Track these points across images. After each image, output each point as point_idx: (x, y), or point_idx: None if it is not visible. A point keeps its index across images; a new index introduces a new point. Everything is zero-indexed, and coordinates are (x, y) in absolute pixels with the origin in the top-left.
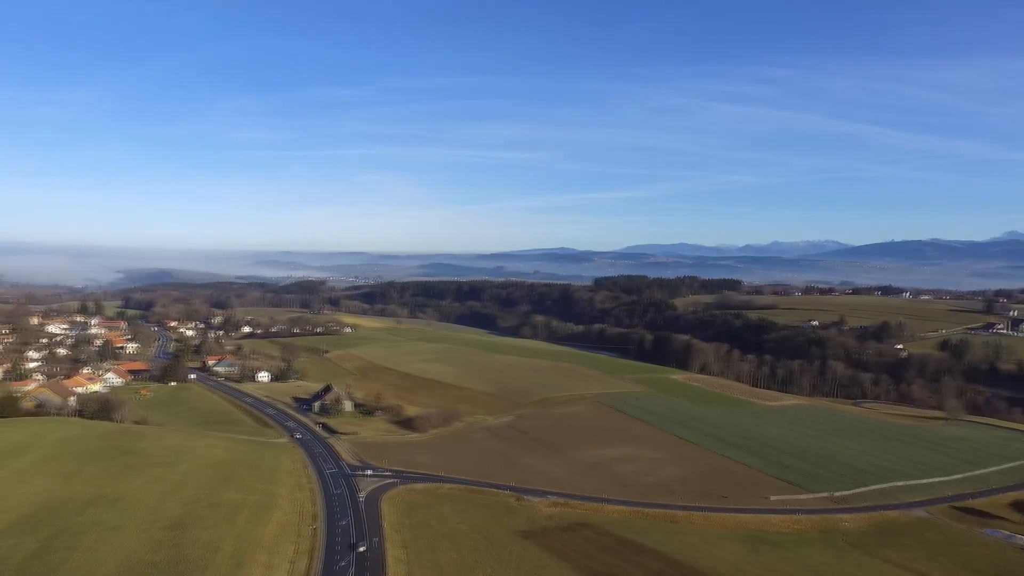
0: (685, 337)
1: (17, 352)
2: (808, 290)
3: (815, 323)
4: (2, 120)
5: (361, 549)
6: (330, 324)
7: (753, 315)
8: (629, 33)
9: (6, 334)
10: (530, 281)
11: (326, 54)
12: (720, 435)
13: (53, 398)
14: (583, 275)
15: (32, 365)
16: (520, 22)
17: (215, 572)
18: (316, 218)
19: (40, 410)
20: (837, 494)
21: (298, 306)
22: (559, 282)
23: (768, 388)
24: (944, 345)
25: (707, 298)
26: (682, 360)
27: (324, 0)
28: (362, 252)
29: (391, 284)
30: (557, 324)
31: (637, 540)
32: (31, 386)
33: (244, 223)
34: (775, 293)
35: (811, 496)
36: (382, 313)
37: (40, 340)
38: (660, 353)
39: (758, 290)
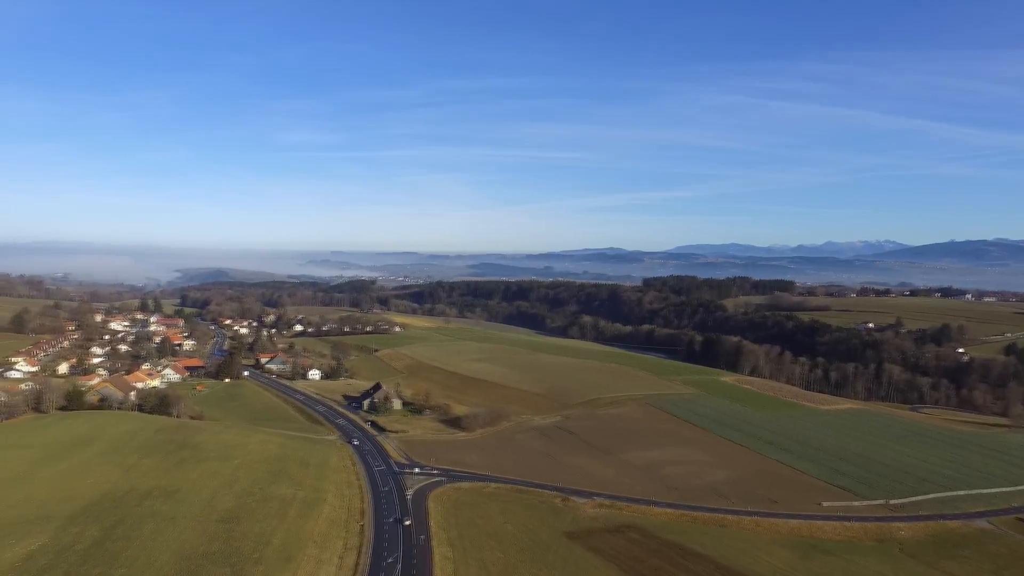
0: (735, 339)
1: (82, 348)
2: (863, 291)
3: (870, 325)
4: (73, 126)
5: (407, 523)
6: (380, 323)
7: (805, 317)
8: (679, 31)
9: (72, 331)
10: (578, 281)
11: (377, 56)
12: (770, 438)
13: (115, 393)
14: (632, 275)
15: (96, 361)
16: (570, 22)
17: (266, 565)
18: (367, 218)
19: (103, 404)
20: (893, 502)
21: (348, 305)
22: (608, 282)
23: (820, 391)
24: (1009, 349)
25: (758, 299)
26: (732, 362)
27: (375, 3)
28: (412, 252)
29: (440, 284)
30: (605, 324)
31: (685, 544)
32: (95, 381)
33: (296, 223)
34: (829, 294)
35: (865, 503)
36: (431, 313)
37: (103, 337)
38: (709, 355)
39: (811, 291)
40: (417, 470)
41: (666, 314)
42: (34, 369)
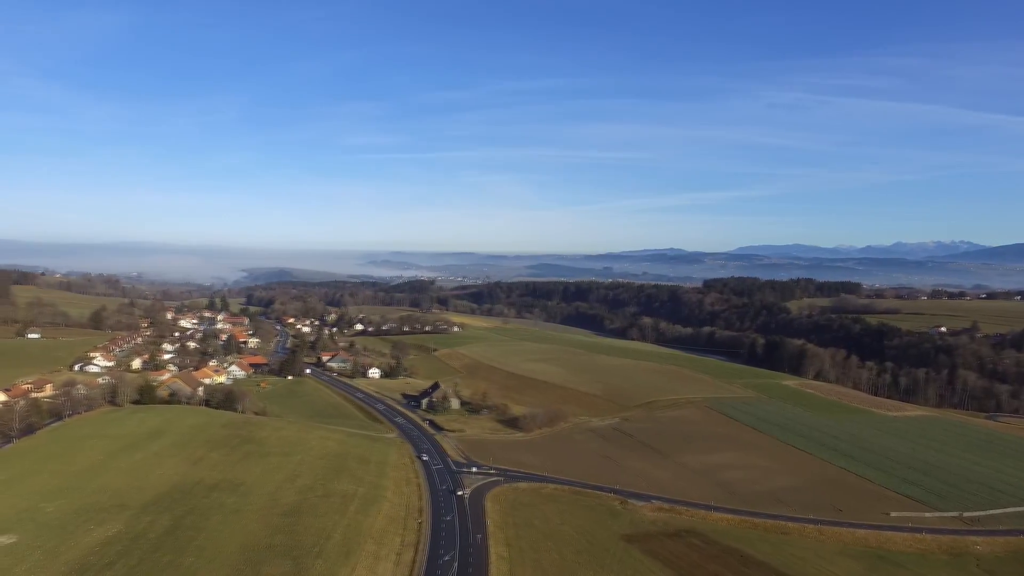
0: (799, 342)
1: (154, 344)
2: (935, 294)
3: (943, 329)
4: (147, 132)
5: (459, 493)
6: (439, 323)
7: (873, 320)
8: (740, 27)
9: (145, 328)
10: (638, 282)
11: (440, 58)
12: (835, 445)
13: (184, 388)
14: (693, 276)
15: (166, 357)
16: (630, 21)
17: (326, 559)
18: (427, 219)
19: (173, 398)
20: (968, 514)
21: (408, 305)
22: (668, 283)
23: (889, 397)
24: None
25: (823, 301)
26: (795, 366)
27: (438, 5)
28: (471, 252)
29: (498, 284)
30: (665, 326)
31: (745, 551)
32: (165, 376)
33: (358, 224)
34: (898, 297)
35: (937, 515)
36: (489, 313)
37: (174, 334)
38: (772, 358)
39: (879, 293)
40: (475, 469)
41: (727, 316)
42: (110, 364)
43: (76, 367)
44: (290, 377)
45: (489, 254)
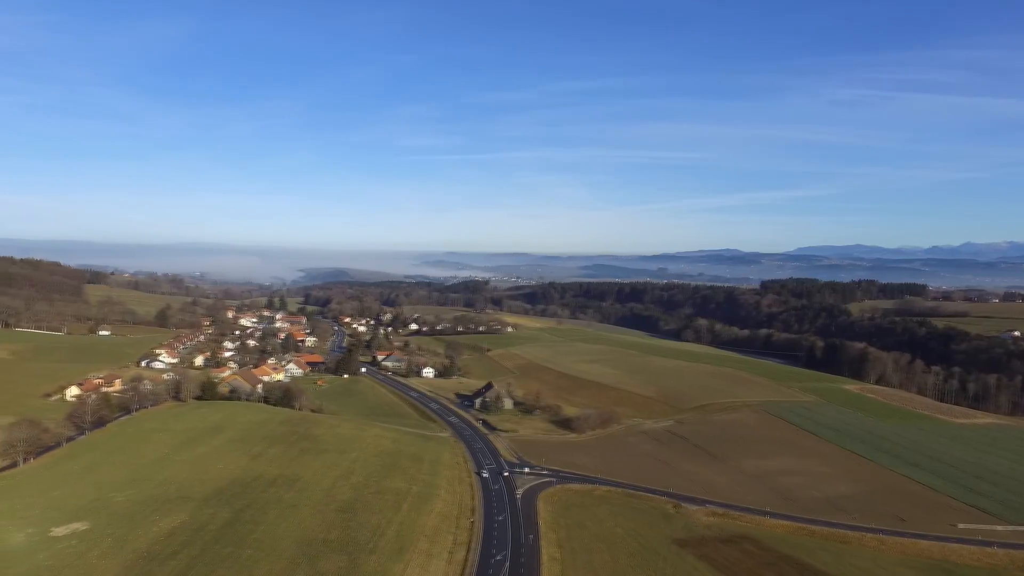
0: (860, 345)
1: (216, 342)
2: (1008, 296)
3: (1016, 333)
4: (210, 136)
5: (505, 474)
6: (492, 323)
7: (940, 323)
8: (799, 23)
9: (207, 326)
10: (693, 283)
11: (493, 60)
12: (898, 452)
13: (244, 385)
14: (750, 277)
15: (227, 354)
16: (685, 19)
17: (380, 556)
18: (481, 219)
19: (233, 395)
20: None
21: (462, 305)
22: (724, 284)
23: (956, 404)
24: None
25: (886, 304)
26: (856, 370)
27: (491, 7)
28: (525, 253)
29: (552, 285)
30: (721, 328)
31: (802, 559)
32: (226, 373)
33: (413, 224)
34: (967, 299)
35: (1009, 528)
36: (543, 313)
37: (234, 332)
38: (831, 361)
39: (946, 296)
40: (527, 470)
41: (785, 318)
42: (174, 361)
43: (143, 363)
44: (346, 376)
45: (543, 254)
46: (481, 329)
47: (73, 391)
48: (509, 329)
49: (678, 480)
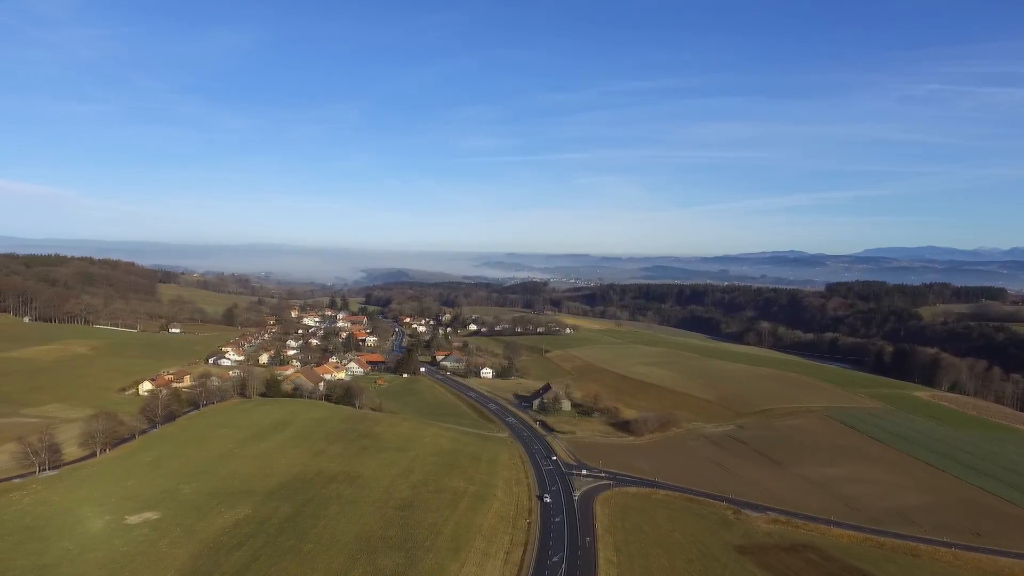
0: (932, 350)
1: (280, 341)
2: None
3: None
4: (275, 139)
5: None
6: (551, 324)
7: (1021, 328)
8: (865, 17)
9: (272, 324)
10: (756, 285)
11: (552, 61)
12: (974, 463)
13: (306, 383)
14: (814, 280)
15: (290, 353)
16: (746, 16)
17: (437, 554)
18: (540, 220)
19: (296, 392)
20: None
21: (521, 306)
22: (787, 287)
23: None
24: None
25: (960, 308)
26: (927, 376)
27: (549, 9)
28: (584, 254)
29: (611, 286)
30: (784, 331)
31: (869, 571)
32: (289, 371)
33: (472, 225)
34: None
35: None
36: (602, 315)
37: (297, 331)
38: (901, 367)
39: None
40: (584, 472)
41: (852, 322)
42: (240, 358)
43: (211, 360)
44: (405, 375)
45: (602, 256)
46: (540, 330)
47: (146, 386)
48: (568, 331)
49: (738, 486)
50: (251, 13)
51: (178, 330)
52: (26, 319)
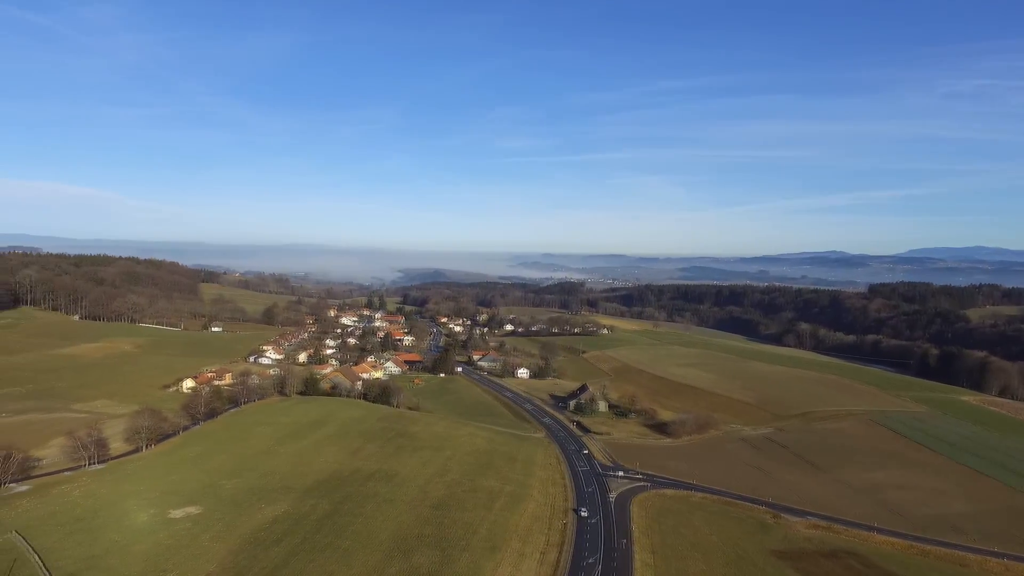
0: (980, 354)
1: (318, 340)
2: None
3: None
4: (313, 141)
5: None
6: (587, 325)
7: None
8: (913, 12)
9: (311, 324)
10: (796, 286)
11: (588, 61)
12: None
13: (344, 382)
14: (856, 281)
15: (328, 352)
16: (785, 13)
17: (472, 553)
18: (577, 220)
19: (334, 391)
20: None
21: (557, 306)
22: (828, 288)
23: None
24: None
25: (1010, 310)
26: (976, 380)
27: (584, 8)
28: (621, 255)
29: (648, 287)
30: (825, 333)
31: None
32: (327, 370)
33: (508, 226)
34: None
35: None
36: (639, 316)
37: (335, 330)
38: (947, 370)
39: None
40: (621, 473)
41: (895, 324)
42: (280, 357)
43: (251, 359)
44: (442, 375)
45: (640, 256)
46: (576, 331)
47: (188, 383)
48: (604, 331)
49: (777, 489)
50: (290, 17)
51: (219, 329)
52: (75, 317)
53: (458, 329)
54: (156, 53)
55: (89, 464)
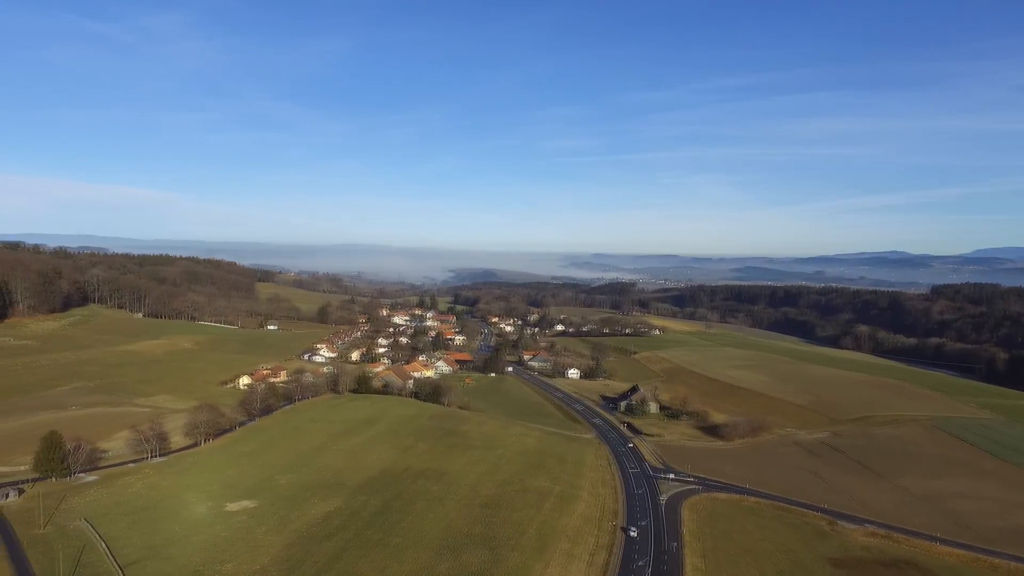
0: None
1: (371, 339)
2: None
3: None
4: (366, 143)
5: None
6: (639, 325)
7: None
8: (982, 1)
9: (363, 323)
10: (853, 287)
11: (639, 60)
12: None
13: (396, 380)
14: (918, 282)
15: (380, 350)
16: (842, 7)
17: (521, 553)
18: (628, 220)
19: (386, 389)
20: None
21: (608, 307)
22: (888, 289)
23: None
24: None
25: None
26: None
27: (636, 7)
28: (673, 255)
29: (701, 287)
30: (884, 336)
31: None
32: (379, 368)
33: (559, 226)
34: None
35: None
36: (691, 316)
37: (387, 329)
38: (1017, 375)
39: None
40: (671, 476)
41: (960, 327)
42: (333, 355)
43: (305, 357)
44: (492, 374)
45: (692, 256)
46: (627, 331)
47: (245, 380)
48: (656, 332)
49: (833, 496)
50: (344, 23)
51: (275, 327)
52: (138, 315)
53: (509, 329)
54: (215, 59)
55: (151, 457)
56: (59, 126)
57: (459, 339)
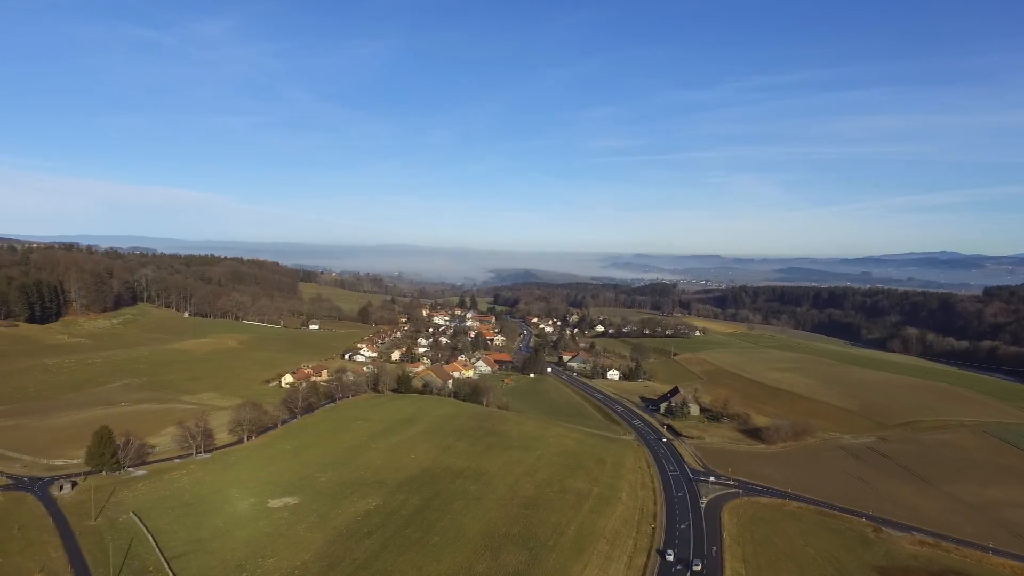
0: None
1: (411, 339)
2: None
3: None
4: (408, 144)
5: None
6: (679, 327)
7: None
8: None
9: (404, 323)
10: (901, 289)
11: (681, 58)
12: None
13: (436, 380)
14: (970, 283)
15: (421, 350)
16: (892, 3)
17: (559, 554)
18: (669, 221)
19: (426, 389)
20: None
21: (649, 308)
22: (938, 291)
23: None
24: None
25: None
26: None
27: (676, 5)
28: (715, 255)
29: (743, 288)
30: (933, 338)
31: None
32: (420, 368)
33: (600, 226)
34: None
35: None
36: (733, 318)
37: (428, 329)
38: None
39: None
40: (712, 479)
41: (1015, 329)
42: (374, 355)
43: (346, 356)
44: (532, 375)
45: (734, 257)
46: (668, 332)
47: (287, 379)
48: (697, 333)
49: (879, 502)
50: (386, 26)
51: (317, 327)
52: (185, 314)
53: (548, 330)
54: (262, 63)
55: (196, 453)
56: (112, 130)
57: (499, 339)
